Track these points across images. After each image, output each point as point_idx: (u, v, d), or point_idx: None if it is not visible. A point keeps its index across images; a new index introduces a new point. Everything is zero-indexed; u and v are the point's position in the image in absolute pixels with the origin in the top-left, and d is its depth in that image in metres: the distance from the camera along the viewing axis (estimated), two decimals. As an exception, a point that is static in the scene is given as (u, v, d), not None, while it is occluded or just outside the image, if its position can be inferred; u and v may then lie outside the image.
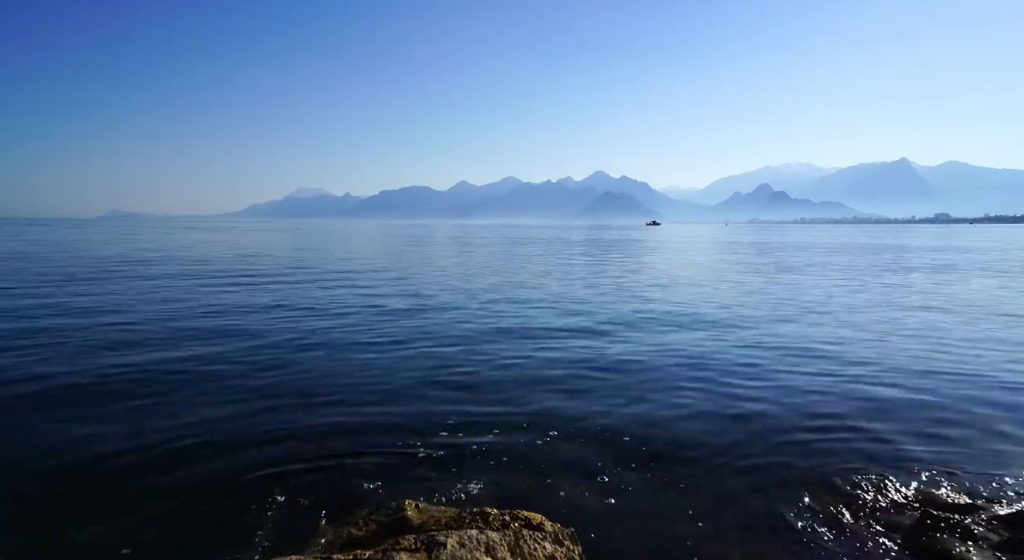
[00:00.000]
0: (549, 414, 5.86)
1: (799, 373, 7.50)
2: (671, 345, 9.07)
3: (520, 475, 4.50)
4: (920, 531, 3.72)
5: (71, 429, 5.29)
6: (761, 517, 3.95)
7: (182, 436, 5.16)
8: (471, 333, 9.84)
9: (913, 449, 5.10)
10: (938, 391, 6.80)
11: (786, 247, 47.03)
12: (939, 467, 4.73)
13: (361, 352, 8.41)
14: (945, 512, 3.94)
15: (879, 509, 4.04)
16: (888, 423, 5.73)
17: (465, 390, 6.65)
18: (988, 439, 5.36)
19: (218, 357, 7.97)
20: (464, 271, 22.06)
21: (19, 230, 74.10)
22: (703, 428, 5.54)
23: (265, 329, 9.91)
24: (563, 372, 7.45)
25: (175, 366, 7.41)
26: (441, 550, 2.89)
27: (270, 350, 8.40)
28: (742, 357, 8.32)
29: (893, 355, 8.58)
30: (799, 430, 5.53)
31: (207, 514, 3.89)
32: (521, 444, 5.09)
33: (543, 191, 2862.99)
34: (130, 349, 8.30)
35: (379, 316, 11.50)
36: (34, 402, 6.04)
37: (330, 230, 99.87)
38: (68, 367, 7.26)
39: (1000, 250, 42.14)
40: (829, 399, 6.47)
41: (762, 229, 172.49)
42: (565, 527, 3.30)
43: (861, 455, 4.95)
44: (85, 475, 4.41)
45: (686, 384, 6.97)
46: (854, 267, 25.68)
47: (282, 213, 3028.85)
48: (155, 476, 4.42)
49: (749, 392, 6.66)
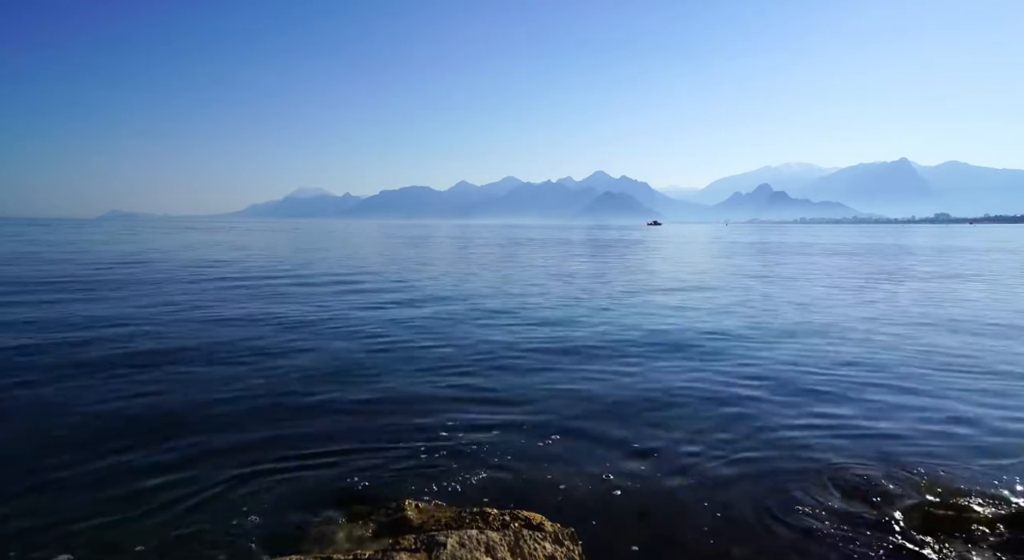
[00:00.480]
0: (549, 414, 5.86)
1: (801, 372, 7.50)
2: (671, 346, 9.08)
3: (520, 475, 4.50)
4: (920, 530, 3.72)
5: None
6: (762, 516, 3.95)
7: (180, 432, 5.18)
8: (470, 332, 9.86)
9: (914, 448, 5.10)
10: (939, 389, 6.81)
11: (791, 248, 47.02)
12: (939, 466, 4.73)
13: (361, 351, 8.42)
14: (945, 512, 3.95)
15: (879, 508, 4.04)
16: (888, 422, 5.73)
17: (465, 390, 6.65)
18: (988, 438, 5.36)
19: (217, 358, 7.99)
20: (466, 270, 22.08)
21: (19, 230, 74.10)
22: (704, 428, 5.54)
23: (264, 327, 9.93)
24: (563, 371, 7.45)
25: (172, 359, 7.44)
26: (441, 550, 2.89)
27: (268, 348, 8.43)
28: (743, 356, 8.34)
29: (891, 351, 8.61)
30: (800, 429, 5.53)
31: (204, 512, 3.89)
32: (521, 444, 5.09)
33: (543, 191, 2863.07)
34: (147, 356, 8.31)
35: (382, 317, 11.51)
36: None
37: (331, 230, 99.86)
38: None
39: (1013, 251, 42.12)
40: (829, 398, 6.47)
41: (763, 229, 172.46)
42: (565, 527, 3.30)
43: (862, 454, 4.95)
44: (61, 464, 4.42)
45: (687, 383, 6.97)
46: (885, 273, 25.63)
47: (282, 213, 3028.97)
48: (152, 474, 4.43)
49: (750, 391, 6.67)
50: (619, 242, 55.79)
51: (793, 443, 5.20)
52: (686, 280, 19.61)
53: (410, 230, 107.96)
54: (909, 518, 3.91)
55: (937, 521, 3.82)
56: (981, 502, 4.11)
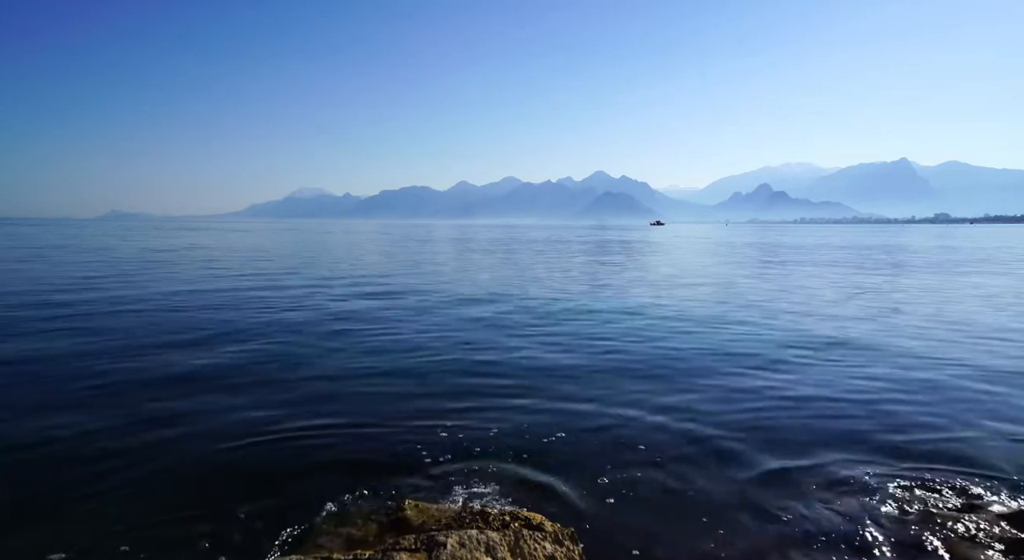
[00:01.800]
0: (549, 413, 5.86)
1: (802, 372, 7.50)
2: (672, 345, 9.07)
3: (520, 475, 4.50)
4: (920, 530, 3.72)
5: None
6: (762, 516, 3.94)
7: (175, 427, 5.19)
8: (470, 331, 9.86)
9: (913, 447, 5.10)
10: (942, 387, 6.81)
11: (806, 248, 46.99)
12: (939, 465, 4.73)
13: (366, 354, 8.42)
14: (945, 511, 3.95)
15: (880, 508, 4.04)
16: (889, 421, 5.73)
17: (465, 389, 6.65)
18: (988, 436, 5.36)
19: (217, 357, 7.99)
20: (475, 272, 22.07)
21: (17, 230, 74.09)
22: (705, 427, 5.54)
23: (264, 324, 9.94)
24: (562, 372, 7.45)
25: (173, 362, 7.45)
26: (441, 550, 2.89)
27: (268, 348, 8.43)
28: (746, 355, 8.34)
29: (895, 348, 8.62)
30: (801, 428, 5.53)
31: (203, 511, 3.89)
32: (522, 444, 5.09)
33: (543, 191, 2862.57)
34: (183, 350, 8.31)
35: (382, 315, 11.51)
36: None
37: (333, 230, 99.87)
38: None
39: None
40: (830, 397, 6.47)
41: (764, 229, 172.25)
42: (565, 527, 3.30)
43: (863, 453, 4.95)
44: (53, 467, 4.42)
45: (688, 384, 6.97)
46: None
47: (282, 213, 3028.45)
48: (150, 474, 4.43)
49: (750, 390, 6.67)
50: (635, 243, 55.72)
51: (796, 442, 5.20)
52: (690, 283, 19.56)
53: (412, 230, 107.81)
54: (909, 517, 3.91)
55: (937, 521, 3.82)
56: (981, 502, 4.11)
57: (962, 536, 3.67)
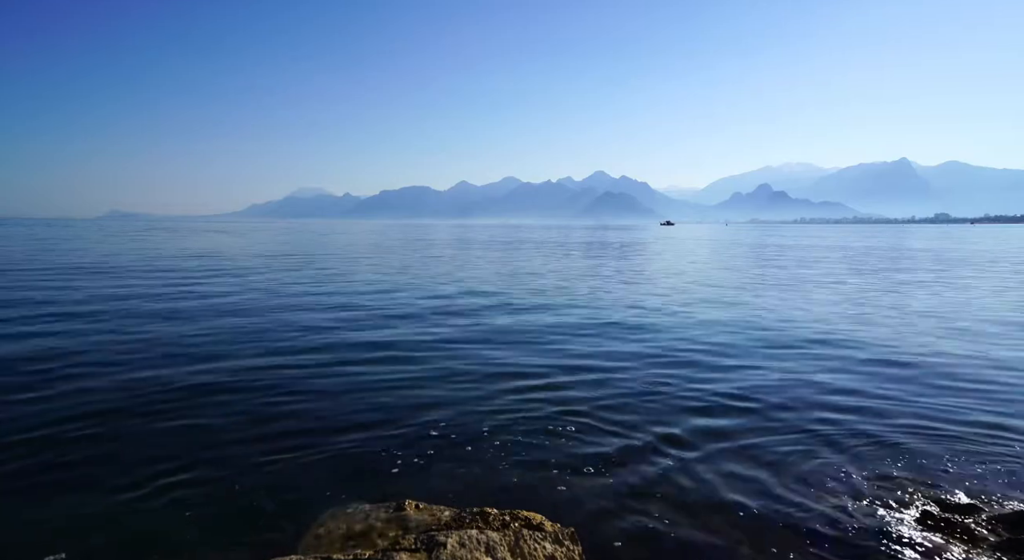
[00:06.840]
0: (549, 413, 5.86)
1: (803, 372, 7.50)
2: (672, 346, 9.08)
3: (520, 475, 4.50)
4: (920, 530, 3.72)
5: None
6: (763, 515, 3.94)
7: (176, 425, 5.19)
8: (468, 331, 9.87)
9: (914, 446, 5.10)
10: (940, 387, 6.81)
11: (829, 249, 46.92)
12: (939, 465, 4.73)
13: (364, 351, 8.43)
14: (945, 511, 3.94)
15: (880, 508, 4.04)
16: (889, 420, 5.73)
17: (464, 390, 6.65)
18: (988, 436, 5.36)
19: (219, 359, 7.99)
20: (492, 271, 22.07)
21: (19, 231, 74.11)
22: (706, 426, 5.54)
23: (264, 324, 9.94)
24: (562, 372, 7.45)
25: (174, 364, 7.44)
26: (441, 550, 2.89)
27: (269, 348, 8.43)
28: (747, 353, 8.35)
29: (901, 347, 8.61)
30: (802, 428, 5.52)
31: (203, 510, 3.89)
32: (521, 443, 5.09)
33: (543, 191, 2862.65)
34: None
35: (379, 316, 11.52)
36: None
37: (334, 231, 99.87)
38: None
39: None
40: (830, 397, 6.47)
41: (765, 229, 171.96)
42: (565, 527, 3.30)
43: (863, 453, 4.95)
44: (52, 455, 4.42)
45: (688, 383, 6.97)
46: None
47: (282, 213, 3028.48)
48: (149, 473, 4.42)
49: (750, 389, 6.67)
50: (657, 242, 55.61)
51: (796, 442, 5.20)
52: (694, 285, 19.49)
53: (412, 231, 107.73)
54: (909, 517, 3.91)
55: (937, 520, 3.82)
56: (981, 502, 4.11)
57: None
